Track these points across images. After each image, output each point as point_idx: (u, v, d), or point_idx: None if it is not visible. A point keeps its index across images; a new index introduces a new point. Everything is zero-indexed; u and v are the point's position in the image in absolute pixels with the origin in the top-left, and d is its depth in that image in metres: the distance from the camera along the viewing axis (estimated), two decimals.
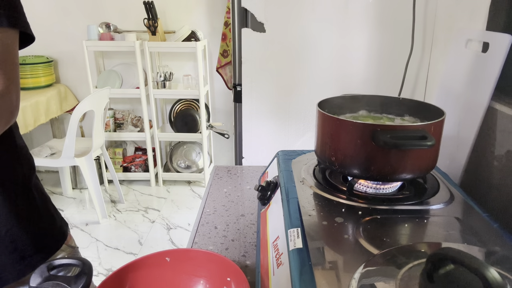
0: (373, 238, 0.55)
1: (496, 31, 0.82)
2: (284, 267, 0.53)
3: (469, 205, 0.65)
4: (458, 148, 0.86)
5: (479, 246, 0.54)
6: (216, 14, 2.94)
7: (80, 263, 0.58)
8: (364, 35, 1.12)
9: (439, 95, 0.99)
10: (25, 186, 0.73)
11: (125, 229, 2.60)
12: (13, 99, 0.59)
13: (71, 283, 0.54)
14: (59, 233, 0.79)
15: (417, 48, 1.10)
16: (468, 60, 0.87)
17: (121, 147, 3.29)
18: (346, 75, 1.15)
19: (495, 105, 0.77)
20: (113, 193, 3.07)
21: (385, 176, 0.65)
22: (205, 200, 0.99)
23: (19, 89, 0.62)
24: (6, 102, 0.58)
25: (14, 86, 0.59)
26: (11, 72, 0.59)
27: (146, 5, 2.66)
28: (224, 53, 2.61)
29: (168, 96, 3.01)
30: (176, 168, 3.26)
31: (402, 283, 0.43)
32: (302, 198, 0.67)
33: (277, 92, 1.19)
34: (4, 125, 0.59)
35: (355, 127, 0.65)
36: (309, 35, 1.12)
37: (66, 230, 0.82)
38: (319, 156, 0.74)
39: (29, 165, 0.75)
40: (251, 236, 0.82)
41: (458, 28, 0.96)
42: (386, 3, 1.08)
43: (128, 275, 0.62)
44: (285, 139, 1.23)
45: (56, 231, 0.79)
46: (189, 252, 0.67)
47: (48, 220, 0.77)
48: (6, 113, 0.59)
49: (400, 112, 0.82)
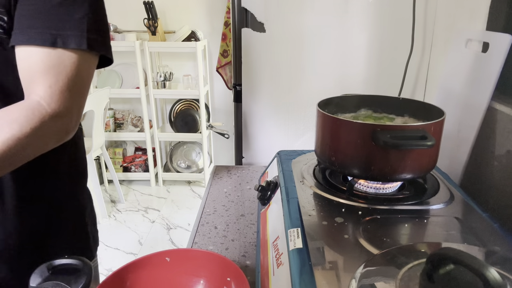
0: (373, 238, 0.55)
1: (496, 31, 0.82)
2: (284, 267, 0.53)
3: (469, 205, 0.65)
4: (458, 148, 0.86)
5: (479, 246, 0.54)
6: (216, 14, 2.94)
7: (80, 263, 0.58)
8: (364, 35, 1.11)
9: (439, 95, 0.99)
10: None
11: (125, 229, 2.60)
12: (72, 120, 0.59)
13: (71, 283, 0.54)
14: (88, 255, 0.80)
15: (417, 48, 1.10)
16: (468, 60, 0.87)
17: (121, 147, 3.29)
18: (346, 75, 1.15)
19: (495, 105, 0.77)
20: (113, 193, 3.07)
21: (385, 176, 0.65)
22: (205, 200, 0.99)
23: (82, 111, 0.61)
24: (63, 123, 0.57)
25: (76, 109, 0.59)
26: (78, 95, 0.59)
27: (146, 5, 2.66)
28: (224, 53, 2.61)
29: (168, 96, 3.01)
30: (176, 168, 3.26)
31: (402, 283, 0.43)
32: (302, 198, 0.67)
33: (277, 92, 1.19)
34: (55, 143, 0.59)
35: (355, 127, 0.65)
36: (309, 35, 1.12)
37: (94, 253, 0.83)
38: (319, 156, 0.74)
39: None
40: (251, 236, 0.82)
41: (458, 28, 0.96)
42: (386, 3, 1.08)
43: (128, 275, 0.62)
44: (285, 139, 1.23)
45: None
46: (189, 252, 0.67)
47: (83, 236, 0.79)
48: (61, 132, 0.58)
49: (400, 112, 0.82)
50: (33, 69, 0.55)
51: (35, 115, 0.53)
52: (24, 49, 0.56)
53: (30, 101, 0.55)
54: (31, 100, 0.55)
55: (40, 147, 0.56)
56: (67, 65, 0.56)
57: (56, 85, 0.55)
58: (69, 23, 0.56)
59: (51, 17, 0.55)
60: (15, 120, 0.52)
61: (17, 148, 0.52)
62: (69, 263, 0.59)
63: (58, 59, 0.56)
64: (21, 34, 0.56)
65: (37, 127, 0.53)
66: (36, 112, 0.54)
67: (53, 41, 0.55)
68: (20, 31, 0.56)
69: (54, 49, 0.55)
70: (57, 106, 0.55)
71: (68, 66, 0.56)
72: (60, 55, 0.56)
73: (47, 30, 0.55)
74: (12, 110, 0.53)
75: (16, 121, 0.52)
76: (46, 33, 0.55)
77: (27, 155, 0.55)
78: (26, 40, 0.55)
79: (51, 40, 0.55)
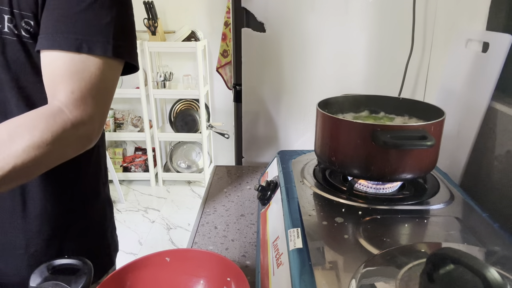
0: (373, 238, 0.55)
1: (496, 31, 0.82)
2: (284, 267, 0.53)
3: (469, 205, 0.65)
4: (458, 148, 0.86)
5: (479, 246, 0.54)
6: (216, 14, 2.94)
7: (80, 263, 0.58)
8: (364, 35, 1.11)
9: (439, 95, 0.99)
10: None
11: (125, 229, 2.60)
12: (95, 127, 0.57)
13: (71, 283, 0.54)
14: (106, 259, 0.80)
15: (417, 48, 1.10)
16: (468, 60, 0.87)
17: (121, 147, 3.29)
18: (346, 75, 1.15)
19: (495, 105, 0.77)
20: (113, 193, 3.07)
21: (385, 176, 0.65)
22: (205, 200, 0.99)
23: (105, 118, 0.60)
24: (86, 131, 0.56)
25: (99, 117, 0.57)
26: (102, 102, 0.57)
27: (146, 5, 2.66)
28: (224, 53, 2.61)
29: (168, 96, 3.01)
30: (176, 168, 3.26)
31: (402, 283, 0.43)
32: (302, 198, 0.67)
33: (277, 92, 1.19)
34: (77, 151, 0.57)
35: (355, 127, 0.65)
36: (309, 35, 1.12)
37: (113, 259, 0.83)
38: (319, 156, 0.74)
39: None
40: (251, 236, 0.82)
41: (458, 28, 0.96)
42: (386, 3, 1.08)
43: (128, 275, 0.62)
44: (285, 139, 1.23)
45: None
46: (189, 252, 0.67)
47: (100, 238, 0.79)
48: (83, 140, 0.57)
49: (400, 112, 0.82)
50: (56, 74, 0.54)
51: (56, 122, 0.52)
52: (49, 54, 0.55)
53: (52, 107, 0.53)
54: (52, 106, 0.53)
55: (61, 155, 0.55)
56: (91, 71, 0.55)
57: (79, 91, 0.54)
58: (96, 29, 0.55)
59: (77, 22, 0.54)
60: (35, 127, 0.51)
61: (37, 156, 0.50)
62: (69, 263, 0.59)
63: (82, 65, 0.54)
64: (46, 39, 0.55)
65: (59, 134, 0.52)
66: (57, 118, 0.52)
67: (78, 46, 0.54)
68: (45, 36, 0.55)
69: (78, 54, 0.54)
70: (79, 113, 0.54)
71: (92, 72, 0.55)
72: (85, 61, 0.55)
73: (72, 35, 0.54)
74: (33, 117, 0.52)
75: (37, 128, 0.50)
76: (72, 38, 0.54)
77: (47, 163, 0.53)
78: (51, 45, 0.54)
79: (76, 45, 0.54)
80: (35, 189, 0.64)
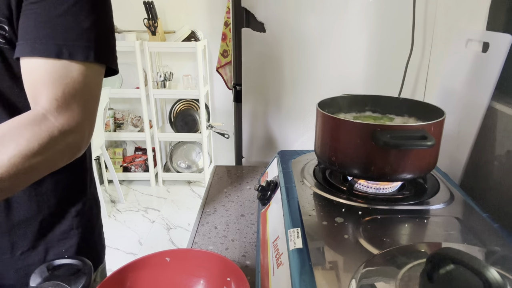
0: (373, 238, 0.55)
1: (496, 31, 0.82)
2: (284, 267, 0.53)
3: (469, 205, 0.65)
4: (458, 148, 0.86)
5: (479, 246, 0.54)
6: (216, 14, 2.94)
7: (80, 263, 0.58)
8: (364, 35, 1.11)
9: (439, 95, 0.99)
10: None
11: (125, 229, 2.60)
12: (85, 135, 0.56)
13: (71, 283, 0.54)
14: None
15: (417, 48, 1.10)
16: (468, 60, 0.87)
17: (121, 147, 3.29)
18: (346, 75, 1.15)
19: (495, 105, 0.77)
20: (113, 193, 3.07)
21: (385, 176, 0.65)
22: (205, 200, 0.99)
23: (94, 124, 0.58)
24: (76, 138, 0.55)
25: (88, 122, 0.56)
26: (88, 109, 0.56)
27: (146, 5, 2.66)
28: (224, 53, 2.61)
29: (168, 96, 3.02)
30: (176, 168, 3.26)
31: (402, 283, 0.43)
32: (302, 198, 0.67)
33: (277, 92, 1.19)
34: (69, 159, 0.56)
35: (355, 127, 0.65)
36: (309, 35, 1.12)
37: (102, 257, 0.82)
38: (319, 156, 0.74)
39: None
40: (251, 236, 0.82)
41: (458, 28, 0.96)
42: (386, 3, 1.08)
43: (128, 275, 0.62)
44: (285, 139, 1.23)
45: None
46: (189, 252, 0.67)
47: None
48: (74, 148, 0.55)
49: (400, 112, 0.82)
50: (38, 81, 0.52)
51: (42, 130, 0.50)
52: (29, 61, 0.53)
53: (35, 114, 0.51)
54: (36, 112, 0.51)
55: (50, 165, 0.53)
56: (74, 77, 0.53)
57: (63, 98, 0.52)
58: (76, 33, 0.53)
59: (56, 26, 0.52)
60: (21, 135, 0.49)
61: (25, 166, 0.48)
62: (69, 263, 0.59)
63: (64, 71, 0.53)
64: (25, 45, 0.53)
65: (46, 143, 0.50)
66: (43, 126, 0.50)
67: (59, 52, 0.52)
68: (24, 43, 0.53)
69: (59, 60, 0.52)
70: (65, 121, 0.52)
71: (75, 78, 0.53)
72: (66, 67, 0.53)
73: (51, 41, 0.52)
74: (17, 125, 0.50)
75: (23, 136, 0.49)
76: (51, 44, 0.52)
77: (36, 173, 0.51)
78: (30, 52, 0.52)
79: (56, 51, 0.52)
80: (20, 192, 0.63)
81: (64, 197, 0.70)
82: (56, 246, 0.70)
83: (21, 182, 0.50)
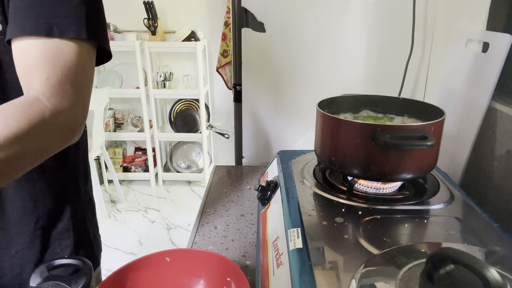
0: (373, 238, 0.55)
1: (496, 31, 0.82)
2: (284, 267, 0.53)
3: (469, 205, 0.65)
4: (458, 148, 0.86)
5: (479, 246, 0.54)
6: (216, 14, 2.94)
7: (80, 263, 0.58)
8: (364, 34, 1.11)
9: (439, 95, 0.99)
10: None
11: (125, 229, 2.60)
12: (77, 116, 0.54)
13: (71, 283, 0.54)
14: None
15: (417, 48, 1.10)
16: (468, 60, 0.87)
17: (121, 147, 3.29)
18: (346, 75, 1.15)
19: (495, 105, 0.77)
20: (113, 193, 3.07)
21: (385, 176, 0.65)
22: (205, 200, 0.99)
23: (87, 106, 0.57)
24: (67, 120, 0.52)
25: (81, 104, 0.54)
26: (80, 89, 0.54)
27: (146, 5, 2.66)
28: (224, 53, 2.60)
29: (168, 96, 3.02)
30: (176, 168, 3.26)
31: (402, 283, 0.43)
32: (302, 198, 0.67)
33: (277, 92, 1.19)
34: (61, 143, 0.53)
35: (355, 127, 0.65)
36: (309, 35, 1.12)
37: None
38: (319, 156, 0.74)
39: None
40: (251, 236, 0.82)
41: (458, 28, 0.96)
42: (386, 3, 1.08)
43: (128, 275, 0.62)
44: (285, 139, 1.23)
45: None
46: (189, 252, 0.67)
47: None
48: (66, 129, 0.53)
49: (400, 112, 0.82)
50: (29, 63, 0.51)
51: (34, 110, 0.48)
52: (20, 43, 0.51)
53: (27, 97, 0.50)
54: (28, 96, 0.50)
55: (42, 149, 0.51)
56: (66, 56, 0.52)
57: (55, 77, 0.51)
58: (66, 10, 0.52)
59: (45, 4, 0.51)
60: (10, 116, 0.46)
61: (15, 148, 0.45)
62: (69, 263, 0.59)
63: (56, 49, 0.51)
64: (14, 26, 0.51)
65: (37, 123, 0.48)
66: (34, 107, 0.48)
67: (49, 30, 0.50)
68: (13, 23, 0.51)
69: (50, 38, 0.51)
70: (57, 101, 0.50)
71: (67, 57, 0.52)
72: (58, 45, 0.51)
73: (42, 19, 0.50)
74: (8, 107, 0.48)
75: (12, 117, 0.46)
76: (41, 22, 0.50)
77: (29, 158, 0.49)
78: (20, 31, 0.51)
79: (47, 29, 0.50)
80: (13, 190, 0.63)
81: (58, 197, 0.69)
82: (51, 246, 0.70)
83: (13, 168, 0.47)
